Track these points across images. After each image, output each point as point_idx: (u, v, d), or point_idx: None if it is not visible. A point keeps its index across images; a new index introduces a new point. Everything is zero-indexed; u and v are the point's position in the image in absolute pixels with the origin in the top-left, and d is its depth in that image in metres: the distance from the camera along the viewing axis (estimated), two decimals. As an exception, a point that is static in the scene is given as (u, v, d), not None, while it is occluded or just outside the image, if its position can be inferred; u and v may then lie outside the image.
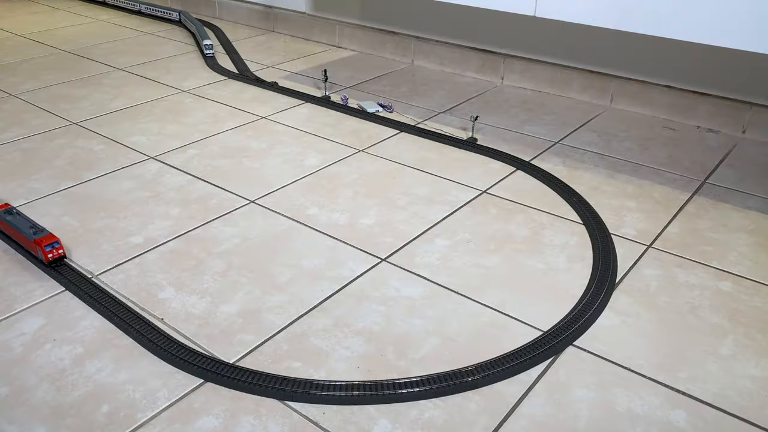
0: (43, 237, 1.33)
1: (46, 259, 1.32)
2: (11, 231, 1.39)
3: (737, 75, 2.01)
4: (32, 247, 1.33)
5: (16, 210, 1.43)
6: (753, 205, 1.62)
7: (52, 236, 1.33)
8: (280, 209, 1.58)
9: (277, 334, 1.17)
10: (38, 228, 1.36)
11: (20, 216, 1.41)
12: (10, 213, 1.42)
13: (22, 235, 1.35)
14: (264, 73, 2.57)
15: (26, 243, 1.35)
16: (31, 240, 1.32)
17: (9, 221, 1.39)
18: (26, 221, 1.39)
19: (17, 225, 1.37)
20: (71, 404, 1.02)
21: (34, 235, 1.33)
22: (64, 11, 3.56)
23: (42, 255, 1.31)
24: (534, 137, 2.01)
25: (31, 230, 1.35)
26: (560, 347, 1.14)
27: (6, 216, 1.41)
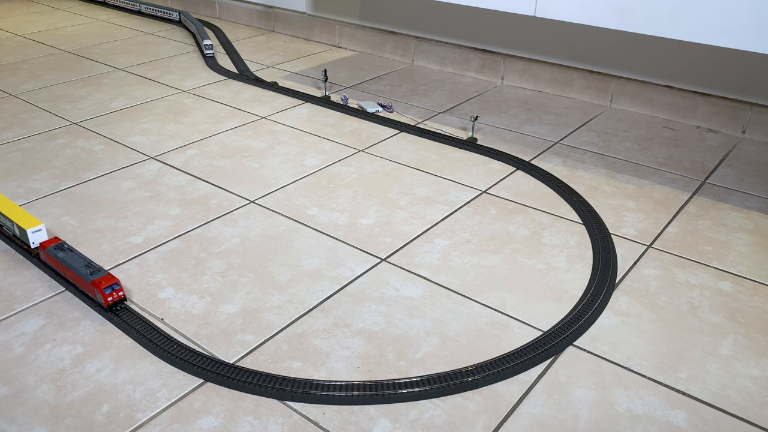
0: (102, 278, 1.21)
1: (106, 303, 1.20)
2: (64, 269, 1.27)
3: (737, 75, 2.01)
4: (89, 288, 1.22)
5: (67, 245, 1.30)
6: (753, 205, 1.62)
7: (111, 276, 1.22)
8: (280, 209, 1.58)
9: (277, 334, 1.17)
10: (94, 266, 1.24)
11: (73, 252, 1.29)
12: (62, 249, 1.29)
13: (78, 276, 1.23)
14: (264, 73, 2.58)
15: (82, 284, 1.23)
16: (88, 281, 1.21)
17: (61, 258, 1.27)
18: (80, 258, 1.27)
19: (71, 263, 1.26)
20: (71, 404, 1.02)
21: (91, 275, 1.21)
22: (64, 11, 3.56)
23: (101, 298, 1.20)
24: (534, 137, 2.01)
25: (87, 269, 1.23)
26: (560, 347, 1.14)
27: (57, 252, 1.28)
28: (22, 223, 1.32)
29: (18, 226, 1.33)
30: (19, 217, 1.34)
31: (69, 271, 1.25)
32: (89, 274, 1.21)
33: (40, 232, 1.33)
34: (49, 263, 1.31)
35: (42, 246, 1.31)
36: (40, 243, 1.32)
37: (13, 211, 1.37)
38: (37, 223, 1.33)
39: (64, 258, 1.27)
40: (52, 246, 1.30)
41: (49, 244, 1.31)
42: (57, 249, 1.29)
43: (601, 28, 2.01)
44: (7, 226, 1.38)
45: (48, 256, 1.29)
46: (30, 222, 1.33)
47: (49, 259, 1.30)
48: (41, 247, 1.31)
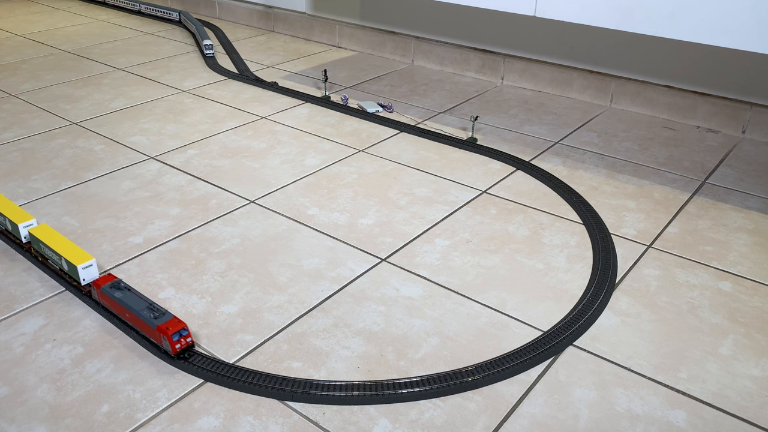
0: (168, 322, 1.09)
1: (173, 351, 1.09)
2: (122, 311, 1.16)
3: (737, 75, 2.01)
4: (154, 335, 1.11)
5: (124, 284, 1.19)
6: (753, 205, 1.62)
7: (178, 321, 1.10)
8: (280, 209, 1.58)
9: (277, 334, 1.17)
10: (157, 309, 1.13)
11: (131, 291, 1.17)
12: (119, 288, 1.18)
13: (140, 319, 1.12)
14: (264, 73, 2.58)
15: (145, 329, 1.12)
16: (153, 326, 1.09)
17: (119, 299, 1.15)
18: (139, 298, 1.15)
19: (131, 305, 1.14)
20: (71, 404, 1.02)
21: (156, 320, 1.10)
22: (64, 11, 3.56)
23: (168, 345, 1.09)
24: (534, 137, 2.01)
25: (150, 313, 1.11)
26: (560, 347, 1.14)
27: (114, 292, 1.17)
28: (71, 258, 1.22)
29: (67, 261, 1.23)
30: (68, 251, 1.25)
31: (129, 313, 1.14)
32: (153, 319, 1.10)
33: (90, 268, 1.23)
34: (103, 303, 1.20)
35: (96, 284, 1.20)
36: (93, 281, 1.21)
37: (62, 245, 1.27)
38: (88, 257, 1.24)
39: (122, 299, 1.15)
40: (107, 285, 1.19)
41: (104, 281, 1.20)
42: (114, 288, 1.18)
43: (601, 28, 2.01)
44: (54, 260, 1.28)
45: (103, 296, 1.18)
46: (80, 257, 1.23)
47: (104, 299, 1.19)
48: (95, 286, 1.20)
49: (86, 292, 1.24)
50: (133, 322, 1.14)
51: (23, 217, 1.37)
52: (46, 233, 1.31)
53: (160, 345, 1.11)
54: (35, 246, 1.33)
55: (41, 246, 1.30)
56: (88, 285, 1.24)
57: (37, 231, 1.31)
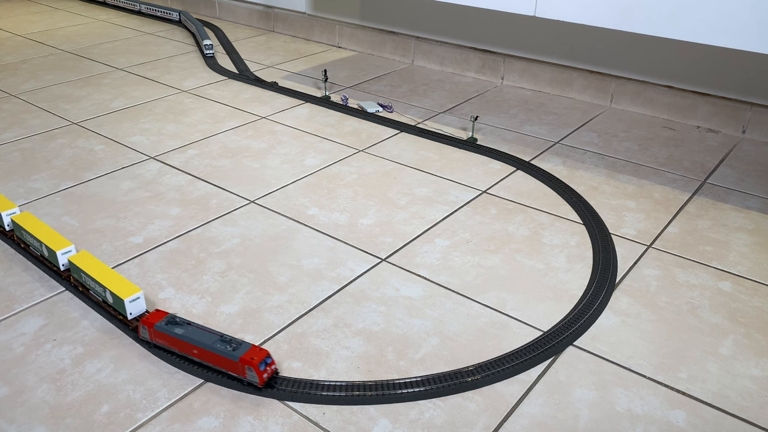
0: (250, 352, 1.02)
1: (261, 382, 1.02)
2: (187, 348, 1.06)
3: (737, 75, 2.01)
4: (235, 367, 1.03)
5: (179, 318, 1.10)
6: (753, 205, 1.62)
7: (260, 349, 1.03)
8: (280, 209, 1.58)
9: (277, 334, 1.17)
10: (229, 339, 1.05)
11: (191, 325, 1.08)
12: (175, 323, 1.09)
13: (215, 354, 1.04)
14: (264, 73, 2.58)
15: (222, 363, 1.04)
16: (234, 359, 1.02)
17: (183, 336, 1.06)
18: (204, 331, 1.07)
19: (200, 340, 1.05)
20: (71, 404, 1.02)
21: (235, 351, 1.02)
22: (64, 11, 3.56)
23: (255, 376, 1.02)
24: (534, 137, 2.01)
25: (225, 345, 1.04)
26: (560, 347, 1.14)
27: (174, 329, 1.07)
28: (117, 290, 1.15)
29: (112, 294, 1.15)
30: (113, 282, 1.16)
31: (198, 349, 1.05)
32: (232, 351, 1.02)
33: (138, 301, 1.15)
34: (159, 342, 1.10)
35: (147, 323, 1.10)
36: (142, 319, 1.12)
37: (105, 275, 1.18)
38: (134, 289, 1.15)
39: (186, 335, 1.06)
40: (162, 322, 1.09)
41: (155, 318, 1.10)
42: (171, 325, 1.08)
43: (601, 28, 2.01)
44: (97, 291, 1.20)
45: (159, 334, 1.09)
46: (126, 288, 1.15)
47: (161, 337, 1.09)
48: (145, 325, 1.10)
49: (133, 328, 1.14)
50: (204, 358, 1.06)
51: (61, 243, 1.28)
52: (87, 261, 1.22)
53: (242, 377, 1.03)
54: (75, 275, 1.25)
55: (82, 275, 1.22)
56: (135, 320, 1.15)
57: (77, 259, 1.23)
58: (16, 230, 1.39)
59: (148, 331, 1.10)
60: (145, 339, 1.12)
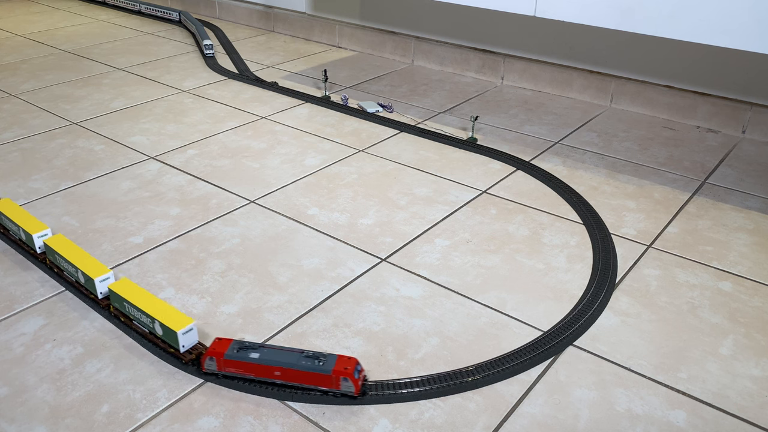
0: (340, 362, 1.01)
1: (357, 390, 1.00)
2: (268, 372, 1.02)
3: (737, 75, 2.01)
4: (327, 381, 1.01)
5: (247, 342, 1.05)
6: (753, 205, 1.62)
7: (348, 357, 1.02)
8: (280, 209, 1.58)
9: (277, 334, 1.17)
10: (313, 354, 1.03)
11: (265, 347, 1.04)
12: (246, 348, 1.04)
13: (304, 372, 1.01)
14: (264, 73, 2.58)
15: (312, 379, 1.01)
16: (327, 373, 1.00)
17: (262, 360, 1.02)
18: (281, 351, 1.03)
19: (283, 360, 1.02)
20: (71, 404, 1.02)
21: (324, 365, 1.00)
22: (64, 11, 3.56)
23: (351, 386, 1.00)
24: (534, 137, 2.01)
25: (311, 361, 1.01)
26: (560, 347, 1.14)
27: (249, 355, 1.02)
28: (168, 322, 1.08)
29: (162, 325, 1.08)
30: (163, 313, 1.10)
31: (281, 370, 1.01)
32: (321, 365, 1.00)
33: (191, 333, 1.08)
34: (230, 371, 1.04)
35: (214, 354, 1.03)
36: (209, 350, 1.04)
37: (153, 304, 1.12)
38: (187, 320, 1.08)
39: (265, 358, 1.02)
40: (232, 350, 1.03)
41: (221, 347, 1.04)
42: (244, 350, 1.03)
43: (601, 28, 2.01)
44: (143, 322, 1.13)
45: (231, 363, 1.03)
46: (178, 319, 1.08)
47: (233, 365, 1.03)
48: (213, 356, 1.03)
49: (187, 361, 1.07)
50: (288, 378, 1.02)
51: (99, 269, 1.21)
52: (129, 290, 1.15)
53: (335, 389, 1.01)
54: (116, 303, 1.17)
55: (125, 305, 1.14)
56: (189, 352, 1.08)
57: (119, 287, 1.16)
58: (49, 254, 1.30)
59: (217, 361, 1.03)
60: (210, 371, 1.05)
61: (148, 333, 1.13)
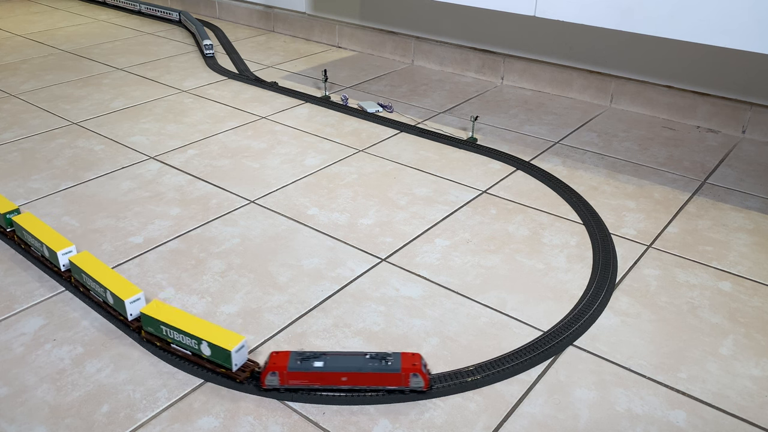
0: (406, 359, 1.02)
1: (426, 384, 1.02)
2: (335, 379, 1.02)
3: (737, 75, 2.01)
4: (396, 380, 1.01)
5: (307, 352, 1.03)
6: (753, 205, 1.62)
7: (411, 354, 1.03)
8: (280, 209, 1.58)
9: (277, 334, 1.17)
10: (375, 354, 1.03)
11: (327, 355, 1.03)
12: (307, 358, 1.02)
13: (372, 374, 1.01)
14: (264, 73, 2.58)
15: (381, 380, 1.01)
16: (397, 371, 1.00)
17: (327, 368, 1.01)
18: (344, 356, 1.03)
19: (349, 365, 1.01)
20: (71, 404, 1.02)
21: (391, 364, 1.01)
22: (64, 11, 3.56)
23: (420, 381, 1.02)
24: (534, 137, 2.01)
25: (377, 362, 1.01)
26: (560, 347, 1.14)
27: (313, 364, 1.01)
28: (219, 341, 1.03)
29: (210, 345, 1.04)
30: (211, 333, 1.05)
31: (348, 375, 1.01)
32: (389, 365, 1.01)
33: (243, 350, 1.05)
34: (294, 384, 1.02)
35: (275, 368, 1.01)
36: (268, 365, 1.02)
37: (197, 326, 1.07)
38: (237, 338, 1.04)
39: (329, 365, 1.01)
40: (294, 360, 1.01)
41: (282, 360, 1.02)
42: (306, 360, 1.01)
43: (601, 28, 2.01)
44: (185, 344, 1.08)
45: (295, 375, 1.01)
46: (228, 338, 1.04)
47: (297, 377, 1.01)
48: (276, 369, 1.01)
49: (241, 380, 1.04)
50: (356, 383, 1.02)
51: (129, 290, 1.15)
52: (167, 313, 1.10)
53: (405, 386, 1.01)
54: (150, 327, 1.12)
55: (162, 328, 1.10)
56: (242, 371, 1.05)
57: (153, 310, 1.11)
58: (74, 271, 1.25)
59: (280, 375, 1.01)
60: (272, 387, 1.02)
61: (191, 355, 1.08)
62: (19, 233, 1.38)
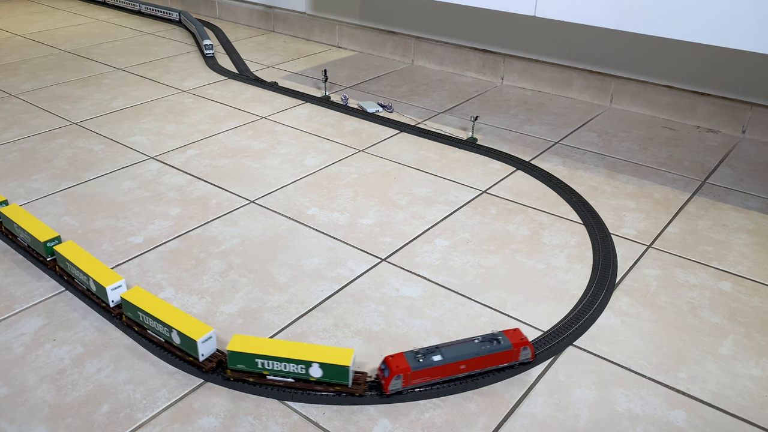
0: (509, 336, 1.07)
1: (533, 355, 1.08)
2: (454, 369, 1.04)
3: (737, 75, 2.01)
4: (509, 356, 1.06)
5: (421, 349, 1.04)
6: (753, 205, 1.62)
7: (511, 331, 1.08)
8: (280, 209, 1.58)
9: (277, 334, 1.17)
10: (481, 337, 1.06)
11: (439, 347, 1.04)
12: (425, 354, 1.03)
13: (489, 356, 1.04)
14: (264, 73, 2.57)
15: (498, 359, 1.05)
16: (509, 348, 1.05)
17: (447, 359, 1.03)
18: (457, 345, 1.05)
19: (466, 353, 1.03)
20: (71, 404, 1.02)
21: (501, 343, 1.05)
22: (64, 11, 3.56)
23: (529, 351, 1.07)
24: (534, 137, 2.01)
25: (489, 344, 1.05)
26: (560, 347, 1.14)
27: (431, 359, 1.02)
28: (332, 360, 1.01)
29: (323, 365, 1.01)
30: (320, 354, 1.02)
31: (466, 363, 1.03)
32: (500, 344, 1.05)
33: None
34: (417, 382, 1.03)
35: (400, 370, 1.00)
36: (394, 369, 1.01)
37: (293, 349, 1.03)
38: (348, 354, 1.02)
39: (448, 357, 1.03)
40: (414, 360, 1.02)
41: (401, 362, 1.01)
42: (425, 356, 1.02)
43: (601, 28, 2.01)
44: (287, 372, 1.03)
45: (418, 373, 1.01)
46: (341, 355, 1.02)
47: (420, 376, 1.02)
48: (400, 372, 1.00)
49: (361, 394, 1.02)
50: (474, 367, 1.04)
51: (200, 329, 1.08)
52: (250, 343, 1.04)
53: (515, 361, 1.07)
54: (240, 364, 1.04)
55: (257, 360, 1.03)
56: (358, 384, 1.04)
57: (238, 345, 1.04)
58: (126, 308, 1.16)
59: (404, 377, 1.01)
60: (395, 391, 1.02)
61: (299, 380, 1.04)
62: (62, 264, 1.28)
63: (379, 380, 1.03)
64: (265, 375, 1.05)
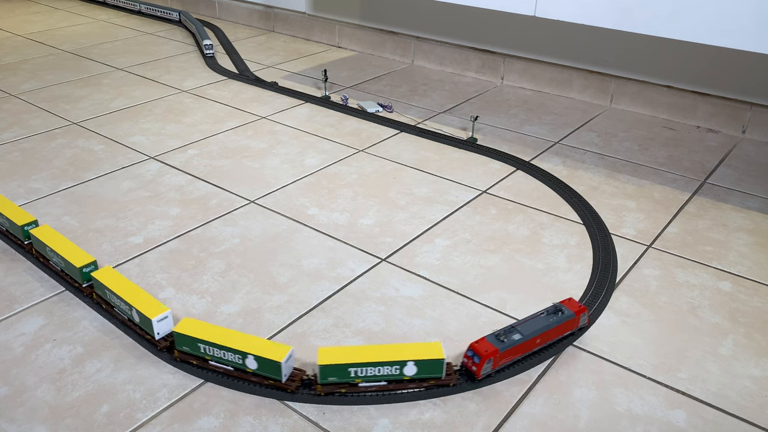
0: (568, 306, 1.13)
1: (588, 320, 1.17)
2: (531, 345, 1.08)
3: (737, 75, 2.01)
4: (573, 323, 1.13)
5: (497, 331, 1.07)
6: (753, 205, 1.62)
7: (568, 300, 1.14)
8: (280, 209, 1.58)
9: (277, 334, 1.17)
10: (545, 310, 1.12)
11: (514, 326, 1.08)
12: (505, 334, 1.06)
13: (557, 328, 1.10)
14: (264, 73, 2.57)
15: (565, 328, 1.12)
16: (572, 316, 1.11)
17: (525, 336, 1.07)
18: (529, 321, 1.10)
19: (538, 328, 1.08)
20: (71, 404, 1.02)
21: (565, 314, 1.11)
22: (64, 11, 3.55)
23: (586, 317, 1.15)
24: (534, 137, 2.01)
25: (555, 315, 1.11)
26: (560, 347, 1.14)
27: (512, 337, 1.06)
28: (426, 353, 1.01)
29: (421, 362, 1.01)
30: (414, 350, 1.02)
31: (540, 337, 1.08)
32: (565, 315, 1.11)
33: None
34: (503, 363, 1.06)
35: (489, 354, 1.03)
36: (484, 354, 1.03)
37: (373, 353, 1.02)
38: (438, 347, 1.03)
39: (526, 334, 1.07)
40: (498, 342, 1.05)
41: (487, 346, 1.04)
42: (507, 335, 1.06)
43: (601, 28, 2.01)
44: (375, 375, 1.02)
45: (504, 354, 1.05)
46: (431, 349, 1.03)
47: (506, 356, 1.05)
48: (490, 356, 1.03)
49: (453, 384, 1.04)
50: (547, 340, 1.10)
51: (280, 350, 1.03)
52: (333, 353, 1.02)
53: (576, 328, 1.14)
54: (326, 378, 1.02)
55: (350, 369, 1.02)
56: (460, 369, 1.07)
57: (326, 357, 1.01)
58: (179, 342, 1.08)
59: (494, 360, 1.04)
60: (486, 374, 1.05)
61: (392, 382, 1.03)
62: (100, 291, 1.20)
63: (467, 367, 1.06)
64: (357, 383, 1.03)
